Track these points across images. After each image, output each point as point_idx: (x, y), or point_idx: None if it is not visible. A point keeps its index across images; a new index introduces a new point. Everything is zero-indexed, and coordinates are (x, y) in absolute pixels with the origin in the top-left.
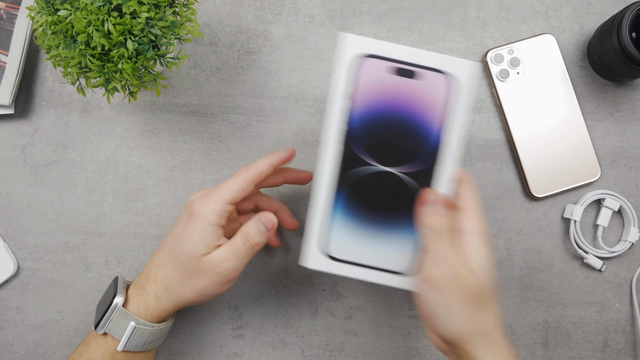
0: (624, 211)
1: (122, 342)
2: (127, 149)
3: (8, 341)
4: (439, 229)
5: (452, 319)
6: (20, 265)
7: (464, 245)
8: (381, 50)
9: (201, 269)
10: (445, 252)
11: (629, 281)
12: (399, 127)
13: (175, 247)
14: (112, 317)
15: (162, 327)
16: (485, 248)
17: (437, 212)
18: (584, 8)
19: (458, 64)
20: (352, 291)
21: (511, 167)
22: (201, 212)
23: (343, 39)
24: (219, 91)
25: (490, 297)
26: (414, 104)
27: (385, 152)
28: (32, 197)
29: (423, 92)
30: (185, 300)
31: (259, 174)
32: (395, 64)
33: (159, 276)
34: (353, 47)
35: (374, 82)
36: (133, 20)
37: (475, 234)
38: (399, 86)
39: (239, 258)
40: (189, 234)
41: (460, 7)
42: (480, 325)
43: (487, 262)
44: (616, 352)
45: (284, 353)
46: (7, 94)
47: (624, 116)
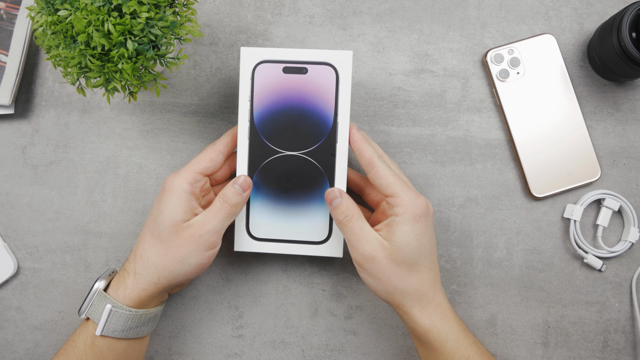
0: (624, 211)
1: (100, 326)
2: (127, 149)
3: (8, 341)
4: (342, 220)
5: (380, 286)
6: (20, 265)
7: (391, 223)
8: (270, 56)
9: (181, 235)
10: (356, 235)
11: (629, 281)
12: (298, 116)
13: (153, 221)
14: (92, 300)
15: (140, 313)
16: (410, 224)
17: (338, 207)
18: (584, 8)
19: (335, 55)
20: (352, 291)
21: (511, 167)
22: (173, 183)
23: (242, 52)
24: (219, 91)
25: (419, 263)
26: (309, 95)
27: (287, 139)
28: (32, 197)
29: (314, 83)
30: (166, 273)
31: (225, 144)
32: (283, 64)
33: (138, 253)
34: (249, 58)
35: (270, 82)
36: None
37: (401, 214)
38: (292, 82)
39: (219, 218)
40: (164, 204)
41: (460, 7)
42: (411, 288)
43: (407, 235)
44: (616, 352)
45: (284, 353)
46: (7, 94)
47: (624, 116)
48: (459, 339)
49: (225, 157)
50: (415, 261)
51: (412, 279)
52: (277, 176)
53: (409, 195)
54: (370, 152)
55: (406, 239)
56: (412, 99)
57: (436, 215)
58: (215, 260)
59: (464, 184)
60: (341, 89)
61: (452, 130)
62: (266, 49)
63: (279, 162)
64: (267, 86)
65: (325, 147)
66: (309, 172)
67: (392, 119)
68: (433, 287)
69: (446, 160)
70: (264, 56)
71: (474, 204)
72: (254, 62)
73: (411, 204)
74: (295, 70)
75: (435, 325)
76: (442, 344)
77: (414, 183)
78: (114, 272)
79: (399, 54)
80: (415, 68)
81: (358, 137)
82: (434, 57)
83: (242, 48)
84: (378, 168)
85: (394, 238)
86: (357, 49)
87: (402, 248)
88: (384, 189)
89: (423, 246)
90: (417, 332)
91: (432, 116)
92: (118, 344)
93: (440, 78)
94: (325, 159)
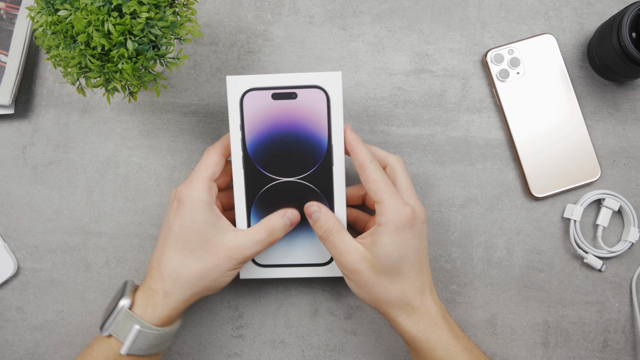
0: (624, 211)
1: (126, 346)
2: (127, 149)
3: (8, 341)
4: (322, 235)
5: (364, 295)
6: (20, 265)
7: (374, 232)
8: (258, 83)
9: (216, 252)
10: (337, 249)
11: (629, 281)
12: (289, 142)
13: (180, 237)
14: (117, 319)
15: (167, 331)
16: (391, 235)
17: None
18: (584, 8)
19: (323, 77)
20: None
21: (511, 167)
22: (191, 196)
23: (228, 82)
24: (219, 91)
25: (401, 274)
26: (301, 120)
27: (283, 166)
28: (32, 197)
29: (305, 108)
30: (201, 290)
31: (224, 146)
32: (272, 90)
33: (165, 271)
34: (236, 86)
35: (260, 110)
36: (133, 20)
37: (384, 224)
38: (283, 108)
39: (258, 249)
40: (189, 219)
41: (460, 7)
42: (394, 298)
43: (388, 247)
44: (616, 352)
45: (284, 353)
46: (7, 94)
47: (624, 116)
48: (449, 346)
49: (226, 157)
50: (397, 272)
51: (395, 289)
52: (276, 203)
53: (395, 205)
54: (363, 154)
55: (386, 251)
56: (412, 99)
57: (436, 215)
58: None
59: (464, 184)
60: (333, 110)
61: (452, 130)
62: (253, 77)
63: (276, 189)
64: (257, 114)
65: (321, 171)
66: (308, 196)
67: (392, 119)
68: (420, 296)
69: (446, 160)
70: (251, 84)
71: (474, 204)
72: (241, 91)
73: (394, 215)
74: (285, 96)
75: (423, 333)
76: (431, 351)
77: (414, 183)
78: (133, 286)
79: (399, 54)
80: (415, 68)
81: (353, 138)
82: (434, 57)
83: (227, 77)
84: (369, 172)
85: (375, 249)
86: (357, 49)
87: (382, 259)
88: (372, 194)
89: (405, 257)
90: (405, 338)
91: (432, 116)
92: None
93: (440, 78)
94: (322, 182)
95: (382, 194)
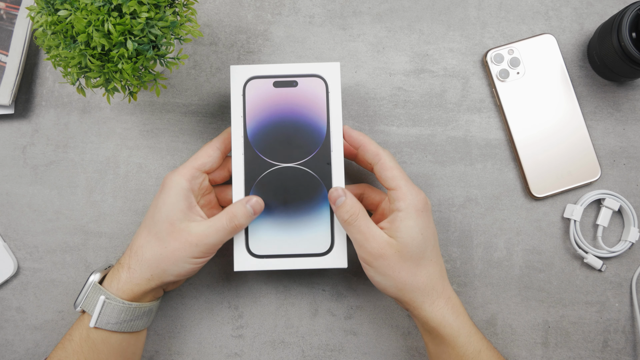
0: (624, 211)
1: (94, 317)
2: (127, 149)
3: (8, 341)
4: (347, 219)
5: (389, 282)
6: (20, 265)
7: (394, 219)
8: (260, 72)
9: (178, 237)
10: (362, 233)
11: (629, 281)
12: (289, 128)
13: (150, 218)
14: (87, 293)
15: (134, 305)
16: (413, 218)
17: (343, 205)
18: (584, 8)
19: (323, 67)
20: (352, 291)
21: (511, 167)
22: (172, 180)
23: (232, 71)
24: (219, 91)
25: (426, 257)
26: (299, 107)
27: (283, 152)
28: (32, 197)
29: (305, 95)
30: (159, 272)
31: (222, 140)
32: (273, 79)
33: (134, 248)
34: (239, 75)
35: (261, 97)
36: (133, 20)
37: (404, 209)
38: (283, 95)
39: (221, 236)
40: (162, 201)
41: (460, 7)
42: (420, 283)
43: (413, 230)
44: (616, 352)
45: (284, 353)
46: (7, 94)
47: (624, 116)
48: (471, 333)
49: (223, 153)
50: (422, 255)
51: (421, 274)
52: (274, 189)
53: (411, 190)
54: (375, 145)
55: (412, 234)
56: (412, 99)
57: (436, 215)
58: (215, 260)
59: (464, 184)
60: (331, 99)
61: (452, 130)
62: (255, 66)
63: (275, 175)
64: (258, 101)
65: (320, 157)
66: (307, 182)
67: (392, 119)
68: (441, 281)
69: (446, 160)
70: (253, 72)
71: (474, 204)
72: (244, 79)
73: (413, 198)
74: (286, 84)
75: (447, 320)
76: (454, 338)
77: (414, 183)
78: (109, 267)
79: (399, 54)
80: (415, 68)
81: (357, 133)
82: (434, 57)
83: (231, 66)
84: (385, 160)
85: (400, 234)
86: (357, 49)
87: (408, 243)
88: (389, 182)
89: (428, 240)
90: (428, 327)
91: (432, 116)
92: (113, 337)
93: (440, 78)
94: (321, 168)
95: (399, 180)
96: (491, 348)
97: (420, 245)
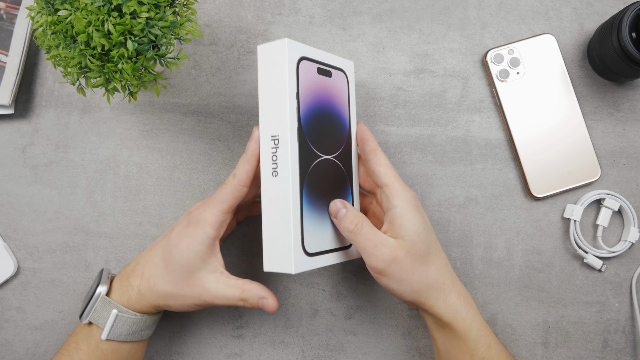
0: (624, 211)
1: (106, 330)
2: (127, 149)
3: (8, 341)
4: (352, 229)
5: (405, 287)
6: (20, 265)
7: (394, 217)
8: (310, 53)
9: (192, 285)
10: (369, 241)
11: (629, 281)
12: (328, 119)
13: (169, 253)
14: (95, 306)
15: (146, 318)
16: (412, 213)
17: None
18: (584, 8)
19: (345, 63)
20: (352, 291)
21: (511, 167)
22: (199, 223)
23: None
24: (219, 91)
25: (432, 252)
26: (333, 98)
27: (323, 143)
28: (32, 197)
29: (335, 88)
30: (164, 305)
31: (246, 174)
32: (319, 65)
33: (145, 273)
34: (293, 51)
35: (309, 81)
36: (133, 20)
37: (400, 205)
38: (323, 84)
39: (225, 303)
40: (185, 243)
41: (460, 7)
42: (433, 280)
43: (415, 225)
44: (616, 352)
45: (284, 353)
46: (7, 94)
47: (624, 116)
48: (481, 327)
49: (249, 187)
50: (428, 250)
51: (431, 270)
52: (319, 182)
53: (403, 186)
54: (376, 143)
55: (415, 229)
56: (412, 99)
57: (436, 215)
58: None
59: (464, 184)
60: (351, 94)
61: (452, 130)
62: (308, 46)
63: (319, 167)
64: (308, 85)
65: (346, 151)
66: (338, 176)
67: (392, 119)
68: (450, 274)
69: (446, 160)
70: (305, 53)
71: (474, 204)
72: (297, 57)
73: (407, 194)
74: (325, 73)
75: (460, 313)
76: (467, 332)
77: (414, 183)
78: (110, 275)
79: (399, 54)
80: (415, 68)
81: (365, 128)
82: (434, 57)
83: (287, 39)
84: (381, 157)
85: (404, 232)
86: (357, 49)
87: (415, 240)
88: (382, 177)
89: (430, 234)
90: (442, 322)
91: (432, 116)
92: (122, 347)
93: (440, 78)
94: (347, 163)
95: (392, 177)
96: (498, 342)
97: (425, 240)
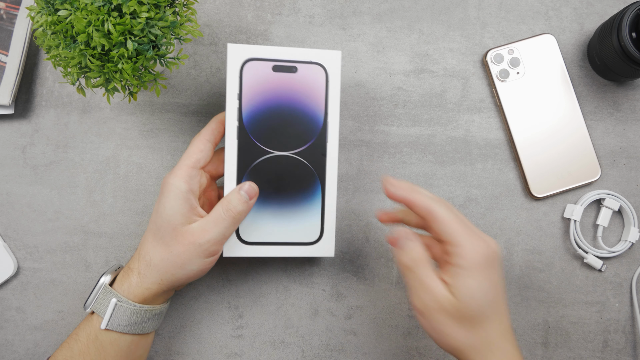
0: (624, 211)
1: (105, 320)
2: (127, 149)
3: (8, 341)
4: (409, 265)
5: (444, 338)
6: (20, 265)
7: (453, 275)
8: (259, 53)
9: (181, 240)
10: (421, 283)
11: (629, 281)
12: (286, 115)
13: (154, 223)
14: (97, 294)
15: (145, 308)
16: (477, 279)
17: (407, 249)
18: (584, 8)
19: (324, 55)
20: (352, 291)
21: (511, 167)
22: (170, 184)
23: (229, 49)
24: (219, 91)
25: (485, 316)
26: (299, 94)
27: (278, 139)
28: (32, 197)
29: (304, 83)
30: (169, 276)
31: (210, 131)
32: (273, 62)
33: (141, 253)
34: (236, 55)
35: (259, 80)
36: (133, 20)
37: (465, 267)
38: (282, 81)
39: (220, 229)
40: (162, 206)
41: (460, 7)
42: (477, 342)
43: (475, 291)
44: (616, 352)
45: (284, 353)
46: (7, 94)
47: (624, 116)
48: None
49: (214, 145)
50: (480, 316)
51: (479, 333)
52: (267, 177)
53: (473, 244)
54: (424, 198)
55: (473, 294)
56: (412, 99)
57: None
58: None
59: (464, 184)
60: (331, 88)
61: (452, 130)
62: (254, 46)
63: (269, 162)
64: (256, 85)
65: (315, 147)
66: (300, 172)
67: (392, 119)
68: (501, 337)
69: (446, 160)
70: (252, 53)
71: (474, 204)
72: (242, 59)
73: (476, 255)
74: (285, 69)
75: None
76: None
77: (414, 183)
78: (119, 268)
79: (399, 54)
80: (415, 68)
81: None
82: (434, 57)
83: (229, 44)
84: (437, 213)
85: (460, 294)
86: (357, 49)
87: (469, 304)
88: (444, 236)
89: (490, 298)
90: None
91: (432, 116)
92: (122, 339)
93: (440, 78)
94: (316, 159)
95: (458, 236)
96: None
97: (480, 307)
